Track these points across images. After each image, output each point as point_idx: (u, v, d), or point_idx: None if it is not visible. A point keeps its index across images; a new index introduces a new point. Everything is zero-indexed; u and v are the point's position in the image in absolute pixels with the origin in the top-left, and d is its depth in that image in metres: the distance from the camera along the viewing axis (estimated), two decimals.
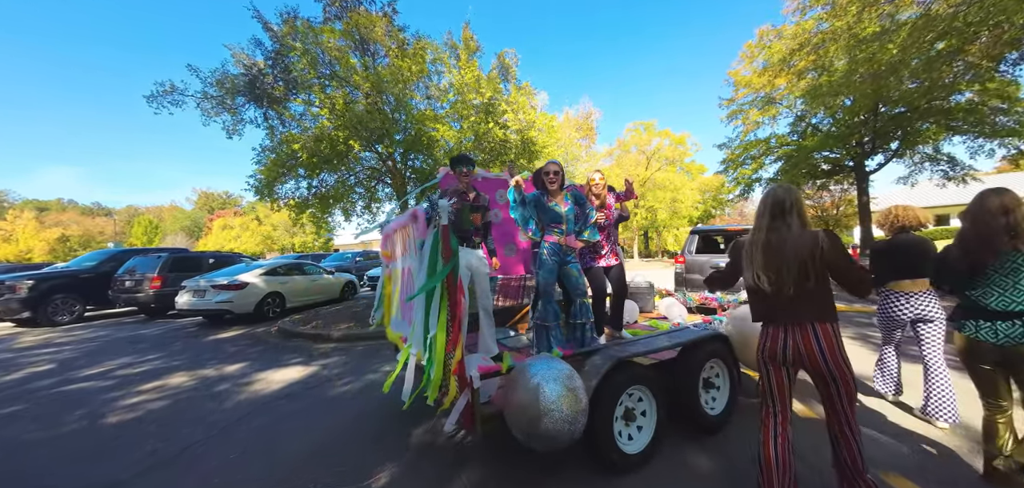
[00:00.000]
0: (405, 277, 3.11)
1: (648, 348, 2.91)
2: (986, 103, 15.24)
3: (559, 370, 2.18)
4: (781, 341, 1.96)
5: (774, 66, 20.36)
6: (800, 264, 1.89)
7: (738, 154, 23.18)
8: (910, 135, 17.98)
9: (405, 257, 3.07)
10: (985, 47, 11.59)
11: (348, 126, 7.30)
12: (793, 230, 1.96)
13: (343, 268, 15.35)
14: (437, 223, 2.41)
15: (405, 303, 3.03)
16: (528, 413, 2.08)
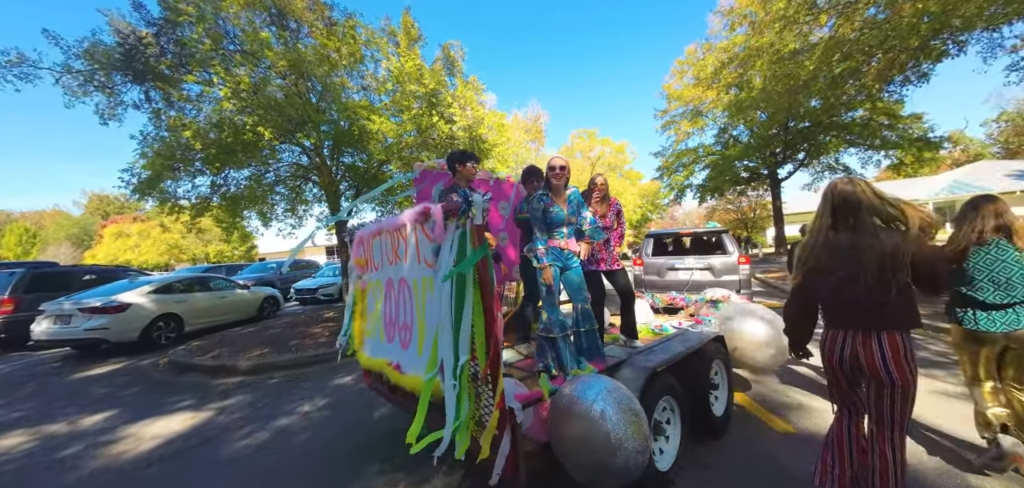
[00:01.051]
0: (398, 290, 2.50)
1: (669, 356, 2.69)
2: (875, 119, 17.78)
3: (619, 393, 1.91)
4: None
5: (702, 81, 22.06)
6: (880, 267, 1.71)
7: (671, 162, 24.93)
8: (814, 147, 20.54)
9: (396, 265, 2.49)
10: (878, 69, 13.16)
11: (257, 111, 6.08)
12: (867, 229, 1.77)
13: (265, 281, 13.40)
14: (462, 221, 1.88)
15: (400, 324, 2.47)
16: (596, 448, 1.75)
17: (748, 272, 6.98)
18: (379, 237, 2.67)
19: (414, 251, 2.28)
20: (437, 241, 2.04)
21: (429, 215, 2.07)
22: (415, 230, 2.25)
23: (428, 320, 2.17)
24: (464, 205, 1.93)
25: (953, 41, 11.65)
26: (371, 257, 2.81)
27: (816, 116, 18.52)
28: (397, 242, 2.45)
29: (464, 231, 1.89)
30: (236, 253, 38.19)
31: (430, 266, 2.13)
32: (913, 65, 13.12)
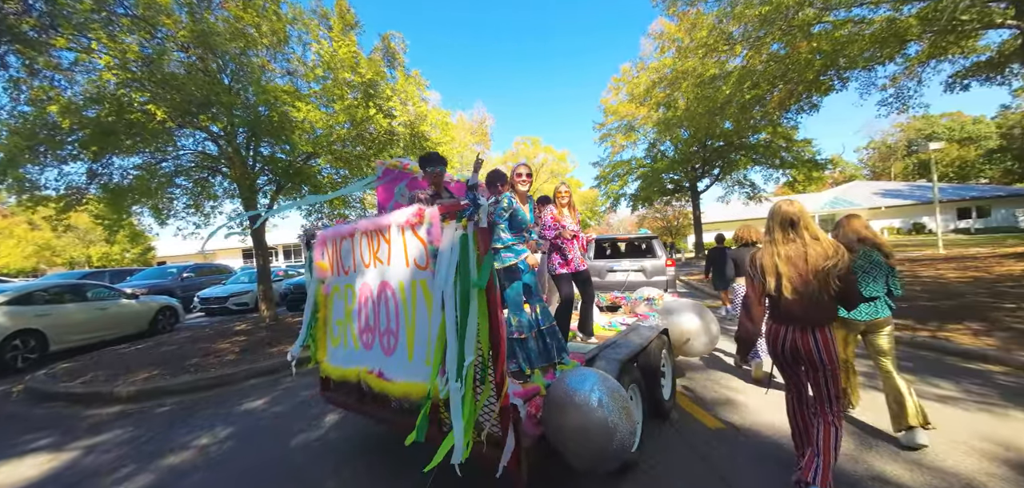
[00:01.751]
0: (378, 295, 2.36)
1: (633, 348, 2.95)
2: (776, 142, 20.44)
3: (610, 382, 2.05)
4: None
5: (635, 98, 23.76)
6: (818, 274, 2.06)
7: (608, 172, 26.43)
8: (727, 164, 23.03)
9: (376, 269, 2.37)
10: (779, 98, 15.05)
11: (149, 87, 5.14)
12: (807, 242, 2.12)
13: (161, 289, 11.51)
14: (464, 224, 1.87)
15: (383, 329, 2.34)
16: (597, 434, 1.86)
17: (673, 273, 7.84)
18: (350, 239, 2.52)
19: (401, 254, 2.19)
20: (434, 243, 1.97)
21: (424, 217, 2.00)
22: (403, 232, 2.15)
23: (420, 324, 2.10)
24: (471, 207, 1.86)
25: (838, 77, 13.76)
26: (338, 260, 2.65)
27: (729, 137, 20.88)
28: (377, 244, 2.32)
29: (466, 234, 1.86)
30: (128, 256, 32.70)
31: (422, 269, 2.07)
32: (806, 96, 15.27)
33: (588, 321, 3.49)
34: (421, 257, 2.09)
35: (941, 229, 17.61)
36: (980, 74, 12.96)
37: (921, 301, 6.50)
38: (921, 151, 42.68)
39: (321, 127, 6.21)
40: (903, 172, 44.28)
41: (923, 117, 42.58)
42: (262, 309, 7.65)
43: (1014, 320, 5.01)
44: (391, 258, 2.26)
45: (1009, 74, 12.71)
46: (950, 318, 5.39)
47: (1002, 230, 26.70)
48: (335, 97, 6.49)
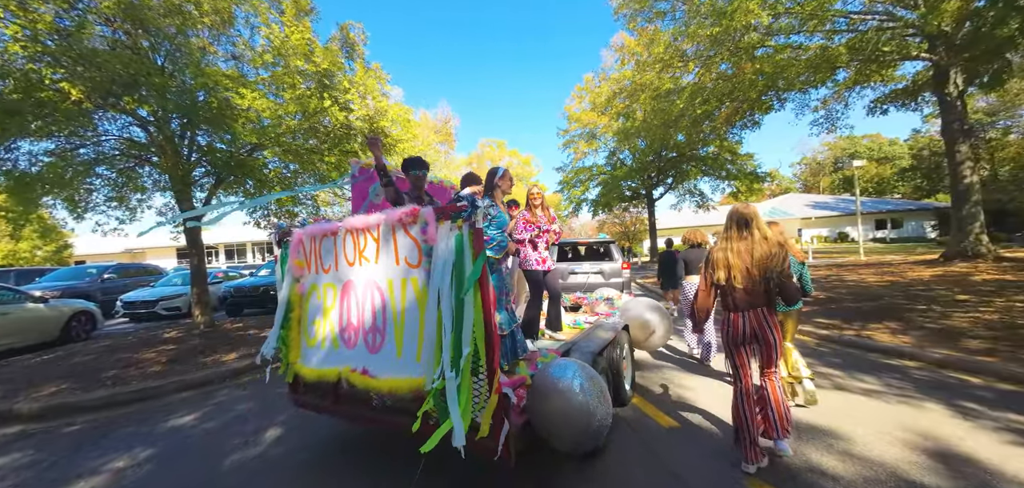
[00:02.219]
0: (363, 293, 2.39)
1: (602, 342, 3.19)
2: (722, 155, 21.85)
3: (588, 370, 2.26)
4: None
5: (597, 107, 24.61)
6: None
7: (571, 177, 27.03)
8: (679, 173, 24.34)
9: (361, 267, 2.40)
10: (726, 115, 16.12)
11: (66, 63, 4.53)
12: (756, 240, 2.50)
13: (77, 291, 10.19)
14: (459, 224, 1.97)
15: (368, 327, 2.36)
16: (578, 417, 2.06)
17: (629, 276, 8.42)
18: (333, 237, 2.52)
19: (391, 252, 2.23)
20: (429, 242, 2.04)
21: (418, 216, 2.08)
22: (393, 230, 2.21)
23: (409, 321, 2.16)
24: (470, 208, 1.94)
25: (777, 98, 14.99)
26: (317, 259, 2.62)
27: (681, 149, 22.10)
28: (364, 242, 2.36)
29: (461, 234, 1.95)
30: (39, 254, 28.90)
31: (413, 267, 2.15)
32: (750, 114, 16.50)
33: (557, 319, 3.69)
34: (412, 255, 2.15)
35: (862, 238, 19.71)
36: (898, 100, 14.63)
37: (847, 303, 7.15)
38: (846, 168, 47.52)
39: (269, 117, 5.74)
40: (830, 186, 48.97)
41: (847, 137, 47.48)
42: (196, 314, 6.93)
43: (925, 320, 5.61)
44: (379, 256, 2.29)
45: (922, 101, 14.47)
46: (872, 318, 5.95)
47: (912, 240, 30.30)
48: (286, 85, 6.05)
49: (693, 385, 4.06)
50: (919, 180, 41.72)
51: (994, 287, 7.15)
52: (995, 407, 3.17)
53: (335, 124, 6.96)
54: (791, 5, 12.17)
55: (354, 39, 8.34)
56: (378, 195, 3.61)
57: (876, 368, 4.26)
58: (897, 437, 2.81)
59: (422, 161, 3.20)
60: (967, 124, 11.57)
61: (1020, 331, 4.70)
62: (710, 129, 18.05)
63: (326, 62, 6.91)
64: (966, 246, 10.37)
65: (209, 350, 5.63)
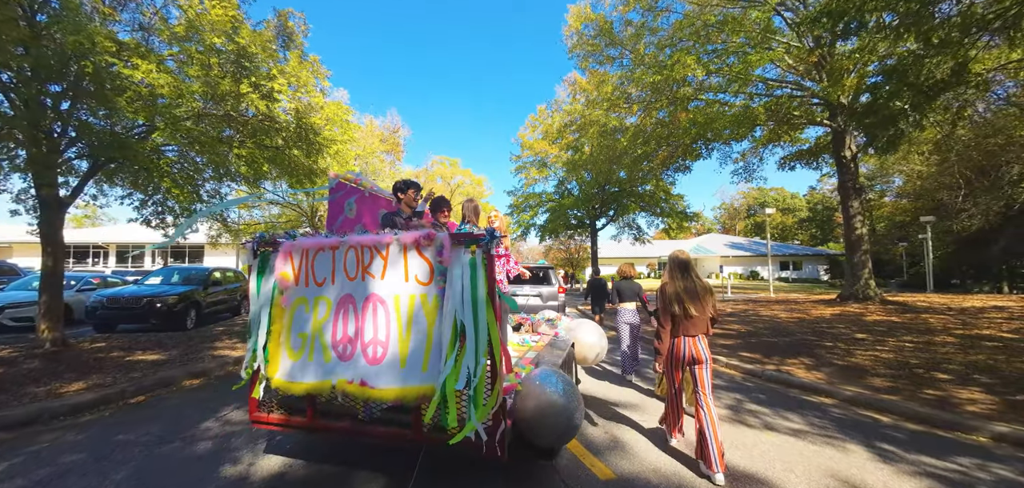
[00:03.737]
0: (362, 306, 2.47)
1: (562, 357, 3.59)
2: (658, 194, 23.48)
3: (564, 377, 2.64)
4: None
5: (549, 136, 25.44)
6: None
7: (521, 202, 27.38)
8: (620, 207, 25.69)
9: (363, 282, 2.50)
10: (663, 158, 17.34)
11: None
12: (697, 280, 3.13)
13: None
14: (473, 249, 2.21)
15: (368, 340, 2.43)
16: (561, 417, 2.42)
17: (564, 299, 9.26)
18: (331, 252, 2.58)
19: (400, 269, 2.40)
20: (444, 264, 2.25)
21: (434, 240, 2.31)
22: (405, 250, 2.38)
23: (416, 334, 2.32)
24: (488, 238, 2.21)
25: (706, 147, 16.47)
26: (309, 272, 2.65)
27: (623, 184, 23.48)
28: (370, 259, 2.48)
29: (474, 257, 2.19)
30: None
31: (424, 285, 2.34)
32: (682, 160, 17.95)
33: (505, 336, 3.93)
34: (423, 273, 2.34)
35: (771, 278, 22.11)
36: (803, 159, 16.76)
37: (765, 337, 7.64)
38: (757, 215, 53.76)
39: (167, 94, 4.77)
40: (744, 230, 54.92)
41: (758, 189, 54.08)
42: (41, 329, 5.42)
43: (832, 356, 6.08)
44: (386, 272, 2.43)
45: (822, 161, 16.75)
46: (788, 353, 6.34)
47: (810, 281, 34.60)
48: (194, 61, 5.14)
49: (628, 430, 3.86)
50: (814, 230, 48.47)
51: (885, 328, 8.08)
52: (909, 449, 3.33)
53: (257, 114, 6.11)
54: (721, 66, 13.55)
55: (292, 28, 7.58)
56: (352, 209, 3.99)
57: (798, 405, 4.41)
58: (829, 486, 2.77)
59: (415, 183, 3.68)
60: (858, 184, 13.39)
61: (914, 370, 5.20)
62: (648, 169, 19.36)
63: (253, 45, 6.11)
64: (858, 289, 11.82)
65: (47, 377, 4.39)
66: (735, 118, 13.57)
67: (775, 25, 13.99)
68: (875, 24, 8.16)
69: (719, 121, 13.56)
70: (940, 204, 22.03)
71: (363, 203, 4.23)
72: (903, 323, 8.59)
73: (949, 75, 6.97)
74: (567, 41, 18.95)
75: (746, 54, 12.73)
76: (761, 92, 14.81)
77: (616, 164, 19.64)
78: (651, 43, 15.19)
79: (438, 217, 3.68)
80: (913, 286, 23.53)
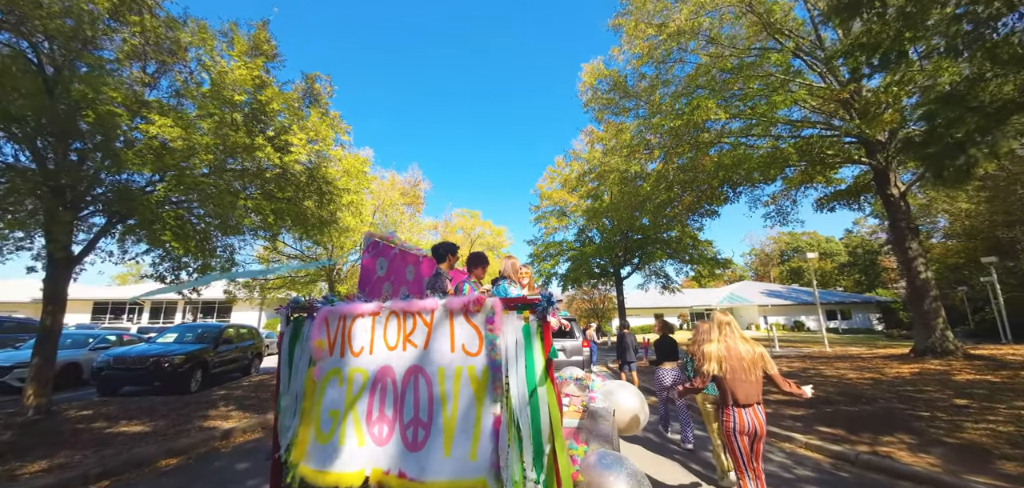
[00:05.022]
0: (403, 381, 2.22)
1: (608, 429, 3.12)
2: (684, 240, 22.52)
3: (629, 465, 2.27)
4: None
5: (567, 185, 25.38)
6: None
7: (541, 251, 26.96)
8: (645, 255, 24.73)
9: (404, 352, 2.26)
10: (687, 203, 16.69)
11: None
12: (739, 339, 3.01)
13: None
14: (525, 315, 2.05)
15: (409, 420, 2.16)
16: None
17: (588, 354, 8.62)
18: (370, 318, 2.37)
19: (445, 338, 2.18)
20: (495, 333, 2.04)
21: (483, 305, 2.10)
22: (451, 316, 2.19)
23: (463, 414, 2.06)
24: (544, 302, 2.04)
25: (732, 190, 15.80)
26: (345, 341, 2.41)
27: (646, 231, 22.75)
28: (412, 325, 2.27)
29: (527, 324, 2.03)
30: None
31: (472, 355, 2.12)
32: (708, 205, 17.25)
33: None
34: (471, 342, 2.12)
35: (823, 329, 20.16)
36: (842, 199, 15.74)
37: (842, 405, 6.42)
38: (792, 260, 50.99)
39: (178, 144, 4.61)
40: (779, 276, 51.97)
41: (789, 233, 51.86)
42: (28, 394, 5.00)
43: (936, 431, 4.93)
44: (429, 341, 2.22)
45: (863, 202, 15.66)
46: (879, 427, 5.20)
47: (862, 331, 31.67)
48: (207, 113, 5.04)
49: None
50: (857, 274, 45.21)
51: (986, 390, 6.74)
52: None
53: (273, 166, 5.96)
54: (743, 108, 13.18)
55: (318, 89, 7.75)
56: (383, 267, 3.96)
57: None
58: None
59: (450, 246, 3.55)
60: (913, 223, 12.23)
61: None
62: (672, 214, 18.66)
63: (275, 102, 6.10)
64: (933, 342, 10.31)
65: (13, 454, 3.91)
66: (764, 159, 12.96)
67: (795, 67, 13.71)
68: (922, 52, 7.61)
69: (747, 163, 12.97)
70: (997, 243, 20.05)
71: (393, 261, 4.17)
72: (1005, 383, 7.18)
73: (1016, 93, 6.27)
74: (582, 96, 19.28)
75: (770, 95, 12.36)
76: (786, 134, 14.28)
77: (639, 211, 19.10)
78: (666, 94, 15.16)
79: (473, 276, 3.47)
80: (983, 335, 20.99)
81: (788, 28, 13.85)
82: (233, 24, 6.71)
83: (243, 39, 6.61)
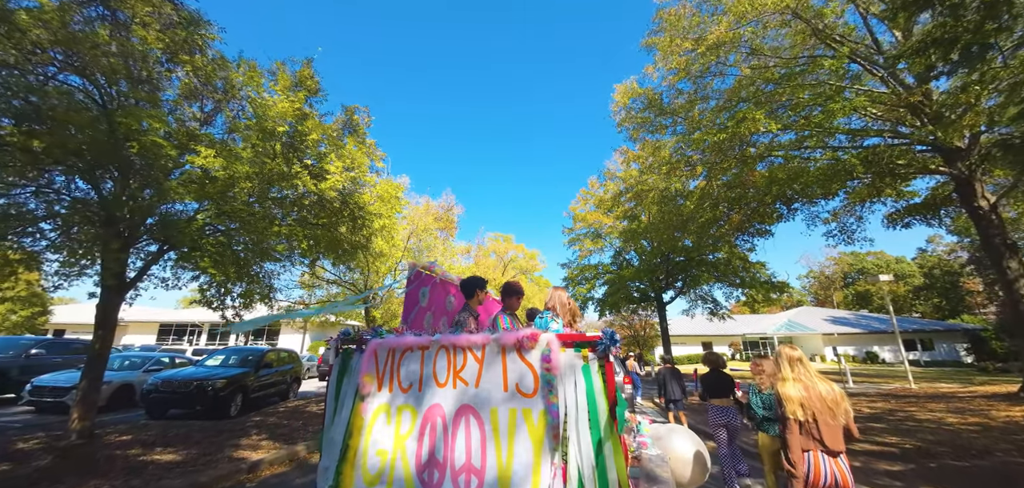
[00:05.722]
0: (453, 422, 2.10)
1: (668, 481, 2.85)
2: (733, 262, 20.94)
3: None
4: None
5: (603, 205, 24.69)
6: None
7: (576, 274, 26.20)
8: (690, 278, 23.24)
9: (454, 390, 2.15)
10: (736, 221, 15.55)
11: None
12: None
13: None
14: (584, 354, 1.93)
15: (460, 465, 2.03)
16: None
17: (631, 391, 7.92)
18: (420, 351, 2.27)
19: (498, 376, 2.06)
20: (552, 372, 1.93)
21: (538, 341, 2.00)
22: (503, 352, 2.07)
23: (519, 461, 1.91)
24: (606, 341, 1.91)
25: (787, 207, 14.55)
26: (394, 375, 2.31)
27: (689, 253, 21.41)
28: (462, 361, 2.17)
29: (587, 365, 1.92)
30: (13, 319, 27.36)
31: (527, 396, 1.99)
32: (760, 223, 15.97)
33: None
34: (526, 382, 2.01)
35: (895, 359, 17.71)
36: (918, 214, 14.02)
37: (948, 458, 5.30)
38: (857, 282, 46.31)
39: (220, 175, 4.79)
40: (843, 301, 47.24)
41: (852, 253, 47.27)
42: (73, 418, 5.20)
43: None
44: (480, 379, 2.12)
45: (943, 215, 13.87)
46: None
47: (948, 363, 27.76)
48: (249, 144, 5.22)
49: None
50: (936, 299, 40.06)
51: None
52: None
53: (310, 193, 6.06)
54: (795, 119, 12.20)
55: (357, 121, 7.98)
56: (425, 298, 3.96)
57: None
58: None
59: (479, 281, 3.41)
60: (1010, 239, 10.57)
61: None
62: (719, 234, 17.47)
63: (314, 133, 6.28)
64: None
65: (46, 481, 3.97)
66: (824, 172, 11.83)
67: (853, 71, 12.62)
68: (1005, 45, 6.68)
69: (804, 176, 11.89)
70: None
71: (435, 290, 4.14)
72: None
73: None
74: (615, 116, 18.86)
75: (826, 103, 11.37)
76: (844, 144, 13.06)
77: (680, 231, 18.07)
78: (705, 109, 14.46)
79: (507, 306, 3.31)
80: None
81: (838, 33, 12.88)
82: (280, 63, 7.08)
83: (288, 75, 6.92)
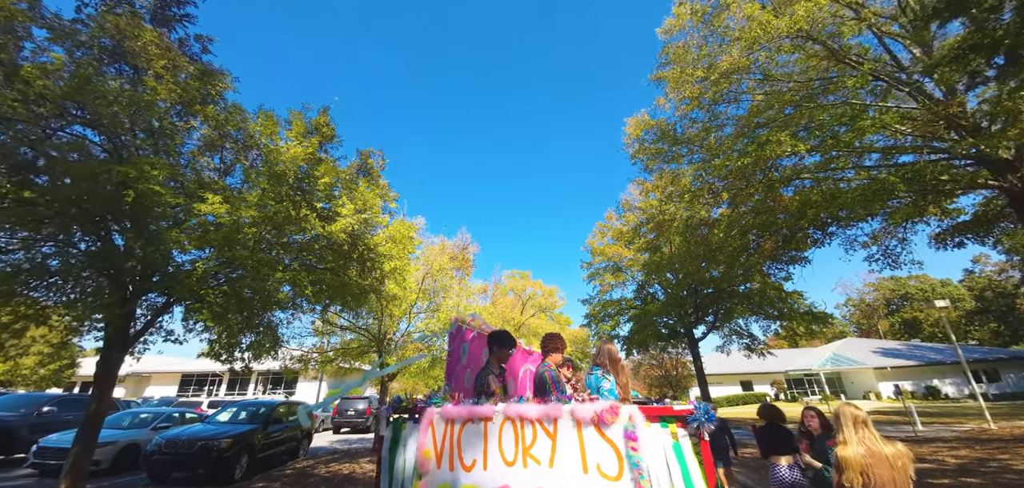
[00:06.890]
0: None
1: None
2: (767, 292, 19.67)
3: None
4: None
5: (622, 238, 24.00)
6: None
7: (598, 310, 25.16)
8: (724, 311, 21.87)
9: (524, 470, 2.01)
10: (769, 248, 14.66)
11: None
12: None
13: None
14: (674, 432, 1.79)
15: None
16: None
17: None
18: (482, 423, 2.11)
19: (575, 455, 1.91)
20: (638, 451, 1.80)
21: (619, 414, 1.85)
22: (579, 427, 1.94)
23: None
24: (701, 414, 1.77)
25: (822, 231, 13.66)
26: (454, 450, 2.13)
27: (718, 284, 20.26)
28: (532, 437, 2.00)
29: (678, 443, 1.77)
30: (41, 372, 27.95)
31: (611, 479, 1.84)
32: (795, 250, 15.03)
33: None
34: (610, 464, 1.87)
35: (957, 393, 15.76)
36: (968, 233, 12.91)
37: None
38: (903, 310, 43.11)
39: (225, 221, 4.58)
40: (890, 330, 43.88)
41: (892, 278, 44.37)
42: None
43: None
44: (555, 458, 1.96)
45: (997, 232, 12.76)
46: None
47: (1019, 396, 24.86)
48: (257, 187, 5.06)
49: None
50: (993, 324, 36.65)
51: None
52: None
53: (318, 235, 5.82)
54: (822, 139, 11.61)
55: (372, 164, 7.92)
56: (466, 353, 3.84)
57: None
58: None
59: (507, 337, 3.10)
60: None
61: None
62: (749, 263, 16.52)
63: (327, 176, 6.16)
64: None
65: None
66: (863, 192, 11.05)
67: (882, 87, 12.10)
68: None
69: (841, 198, 11.14)
70: None
71: (473, 345, 4.02)
72: None
73: None
74: (628, 149, 18.66)
75: (853, 122, 10.81)
76: (878, 162, 12.35)
77: (706, 261, 17.23)
78: (721, 137, 14.12)
79: (550, 360, 2.95)
80: None
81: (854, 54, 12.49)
82: (294, 112, 7.11)
83: (302, 122, 6.91)
